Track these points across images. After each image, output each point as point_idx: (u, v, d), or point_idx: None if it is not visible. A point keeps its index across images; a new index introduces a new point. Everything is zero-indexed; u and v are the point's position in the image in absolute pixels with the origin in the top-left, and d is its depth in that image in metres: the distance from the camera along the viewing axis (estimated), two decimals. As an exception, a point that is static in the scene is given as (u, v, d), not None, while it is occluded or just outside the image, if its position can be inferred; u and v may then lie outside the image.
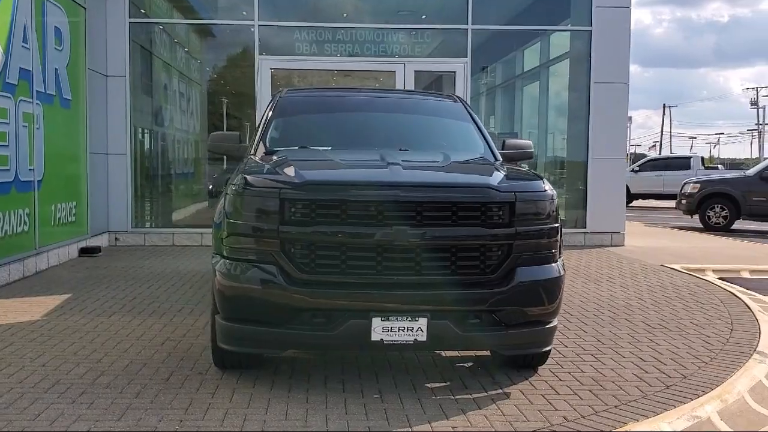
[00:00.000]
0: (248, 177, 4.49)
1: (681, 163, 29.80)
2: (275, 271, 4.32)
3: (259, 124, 6.00)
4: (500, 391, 4.72)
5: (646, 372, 5.20)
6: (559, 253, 4.72)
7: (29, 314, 6.66)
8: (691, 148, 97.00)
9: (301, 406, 4.30)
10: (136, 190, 12.26)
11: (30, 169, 8.82)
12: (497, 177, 4.61)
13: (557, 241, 4.67)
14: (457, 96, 6.72)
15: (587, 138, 12.62)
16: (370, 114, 6.24)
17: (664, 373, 5.19)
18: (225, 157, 13.78)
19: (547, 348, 4.84)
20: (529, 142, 6.13)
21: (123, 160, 11.93)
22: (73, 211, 10.36)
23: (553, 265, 4.63)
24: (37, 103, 8.98)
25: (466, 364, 5.32)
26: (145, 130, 12.81)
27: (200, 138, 13.66)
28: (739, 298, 7.96)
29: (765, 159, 44.67)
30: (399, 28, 12.41)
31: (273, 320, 4.37)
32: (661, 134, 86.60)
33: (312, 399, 4.43)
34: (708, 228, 17.94)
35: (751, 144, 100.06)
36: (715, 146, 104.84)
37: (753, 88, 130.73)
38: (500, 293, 4.40)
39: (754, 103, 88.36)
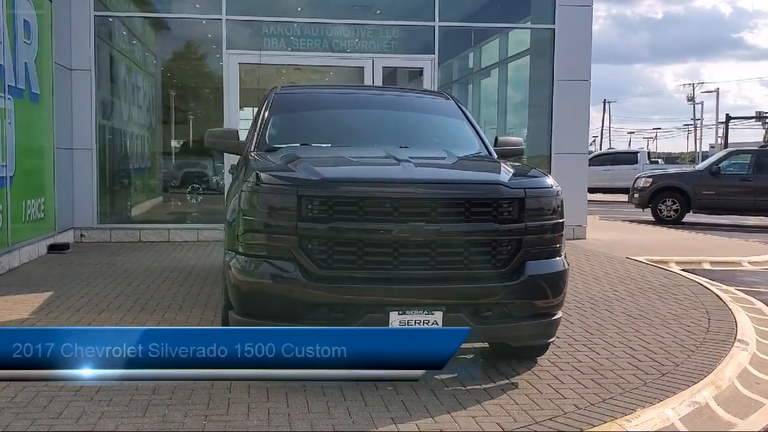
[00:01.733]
0: (265, 174, 4.54)
1: (628, 158, 30.61)
2: (293, 267, 4.38)
3: (256, 121, 6.02)
4: (507, 381, 4.88)
5: (640, 361, 5.41)
6: (563, 248, 4.89)
7: (16, 312, 6.57)
8: (629, 143, 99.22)
9: (320, 399, 4.37)
10: (102, 185, 12.09)
11: (2, 165, 8.66)
12: (506, 174, 4.75)
13: (562, 235, 4.84)
14: (448, 93, 6.85)
15: (550, 133, 12.88)
16: (367, 111, 6.32)
17: (656, 361, 5.40)
18: (173, 153, 13.87)
19: (552, 339, 5.02)
20: (520, 139, 6.32)
21: (88, 155, 11.74)
22: (42, 207, 10.18)
23: (558, 258, 4.79)
24: (8, 98, 8.81)
25: (467, 356, 5.46)
26: (111, 125, 12.62)
27: (167, 133, 13.54)
28: (709, 289, 8.28)
29: (705, 152, 45.96)
30: (367, 24, 12.47)
31: (290, 315, 4.42)
32: (602, 130, 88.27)
33: (328, 392, 4.49)
34: (660, 221, 18.47)
35: (687, 138, 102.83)
36: (652, 141, 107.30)
37: (689, 84, 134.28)
38: (511, 287, 4.54)
39: (691, 99, 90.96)
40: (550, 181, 4.83)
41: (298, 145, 5.57)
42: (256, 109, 7.67)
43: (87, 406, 4.19)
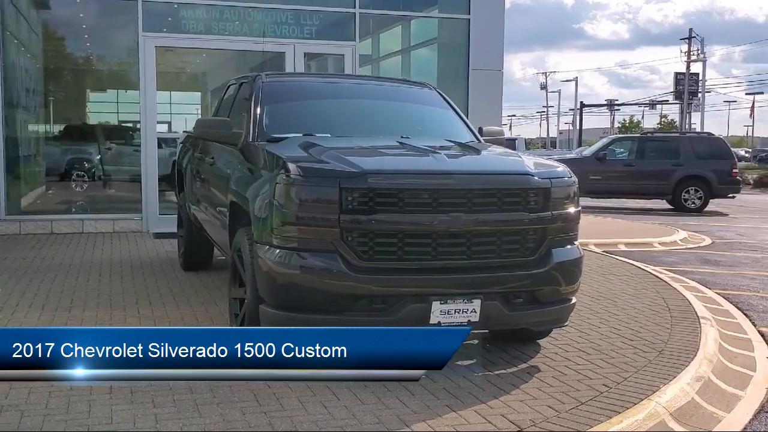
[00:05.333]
0: (303, 166, 4.47)
1: (506, 145, 31.64)
2: (337, 259, 4.35)
3: (249, 110, 5.81)
4: (527, 365, 5.05)
5: (631, 339, 5.71)
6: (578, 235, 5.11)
7: (-24, 313, 6.13)
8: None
9: (365, 392, 4.35)
10: (8, 175, 11.33)
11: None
12: (530, 164, 4.90)
13: (578, 224, 5.05)
14: (429, 84, 6.91)
15: (466, 122, 13.16)
16: (360, 101, 6.29)
17: (645, 339, 5.73)
18: (85, 139, 13.26)
19: (566, 323, 5.22)
20: (502, 129, 6.49)
21: (-8, 142, 10.99)
22: (-46, 198, 9.47)
23: (575, 245, 5.01)
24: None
25: (473, 341, 5.59)
26: (18, 112, 11.85)
27: (79, 119, 12.87)
28: (645, 270, 8.82)
29: (554, 137, 47.90)
30: (288, 8, 12.28)
31: (332, 307, 4.40)
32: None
33: (371, 385, 4.43)
34: (550, 205, 19.26)
35: (540, 124, 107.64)
36: (506, 127, 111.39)
37: (543, 73, 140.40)
38: (541, 273, 4.70)
39: (544, 87, 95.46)
40: (568, 171, 5.02)
41: (301, 135, 5.47)
42: (220, 97, 7.48)
43: (133, 410, 4.02)
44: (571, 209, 4.92)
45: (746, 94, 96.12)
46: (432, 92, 6.60)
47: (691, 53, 57.12)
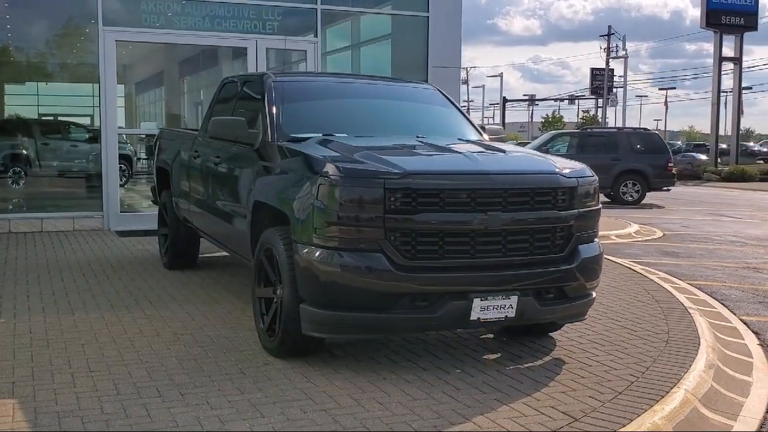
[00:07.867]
0: (346, 168, 4.53)
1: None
2: (382, 258, 4.44)
3: (264, 110, 5.80)
4: (551, 358, 5.23)
5: (636, 332, 5.95)
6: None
7: (-23, 317, 5.96)
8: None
9: (411, 385, 4.47)
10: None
11: None
12: (557, 164, 5.08)
13: (599, 221, 5.26)
14: (432, 84, 7.01)
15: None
16: (371, 101, 6.35)
17: (649, 331, 5.97)
18: (41, 135, 12.87)
19: (585, 317, 5.43)
20: (502, 128, 6.67)
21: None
22: None
23: (597, 241, 5.21)
24: None
25: (489, 336, 5.76)
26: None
27: (36, 115, 12.49)
28: (617, 263, 9.16)
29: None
30: (251, 3, 12.20)
31: (376, 305, 4.49)
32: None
33: (419, 383, 4.58)
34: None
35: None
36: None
37: (464, 68, 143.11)
38: (570, 269, 4.89)
39: (465, 82, 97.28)
40: (590, 169, 5.22)
41: (320, 135, 5.51)
42: (214, 95, 7.40)
43: (191, 411, 4.00)
44: (594, 206, 5.13)
45: (659, 89, 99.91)
46: (436, 92, 6.72)
47: (611, 50, 59.00)
